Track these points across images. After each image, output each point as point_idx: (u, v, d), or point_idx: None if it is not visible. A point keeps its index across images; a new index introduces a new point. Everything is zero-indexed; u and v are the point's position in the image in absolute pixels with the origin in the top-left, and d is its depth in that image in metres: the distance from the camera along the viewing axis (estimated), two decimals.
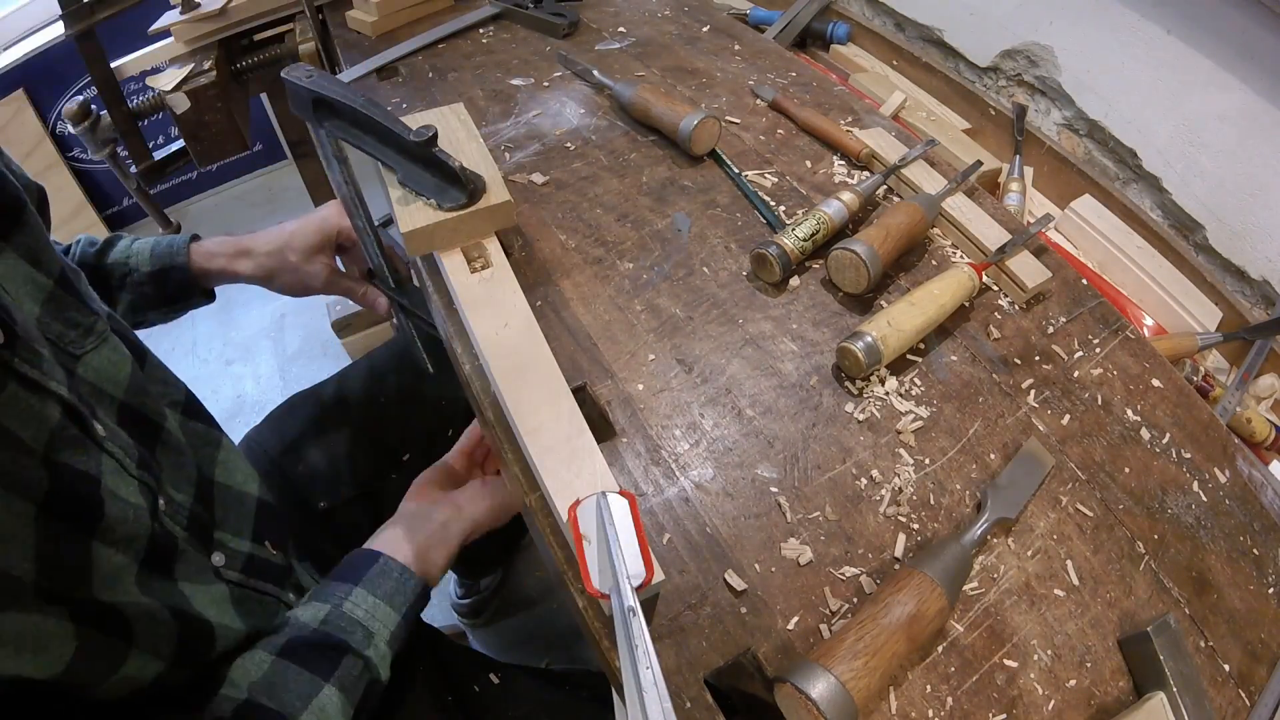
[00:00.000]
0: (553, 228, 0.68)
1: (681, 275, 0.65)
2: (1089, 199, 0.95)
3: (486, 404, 0.54)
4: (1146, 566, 0.52)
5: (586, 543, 0.43)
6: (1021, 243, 0.67)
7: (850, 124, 0.81)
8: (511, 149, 0.77)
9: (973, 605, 0.48)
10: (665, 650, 0.44)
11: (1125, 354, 0.65)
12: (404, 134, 0.54)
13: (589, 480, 0.46)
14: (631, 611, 0.38)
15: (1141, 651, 0.47)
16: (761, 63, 0.92)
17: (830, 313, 0.63)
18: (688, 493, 0.51)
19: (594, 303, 0.62)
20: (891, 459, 0.54)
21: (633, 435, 0.54)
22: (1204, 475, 0.59)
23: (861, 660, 0.41)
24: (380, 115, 0.55)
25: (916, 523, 0.51)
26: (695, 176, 0.74)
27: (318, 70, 0.56)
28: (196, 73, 1.04)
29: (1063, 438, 0.58)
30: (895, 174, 0.73)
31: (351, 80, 0.88)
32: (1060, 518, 0.53)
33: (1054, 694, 0.46)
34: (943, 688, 0.45)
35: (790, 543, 0.49)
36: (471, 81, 0.87)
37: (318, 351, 1.75)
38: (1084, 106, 1.01)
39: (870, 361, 0.55)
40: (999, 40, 1.08)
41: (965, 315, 0.64)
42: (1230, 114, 0.85)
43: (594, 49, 0.93)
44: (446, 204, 0.58)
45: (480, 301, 0.57)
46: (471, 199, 0.58)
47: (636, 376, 0.57)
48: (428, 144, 0.54)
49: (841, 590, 0.47)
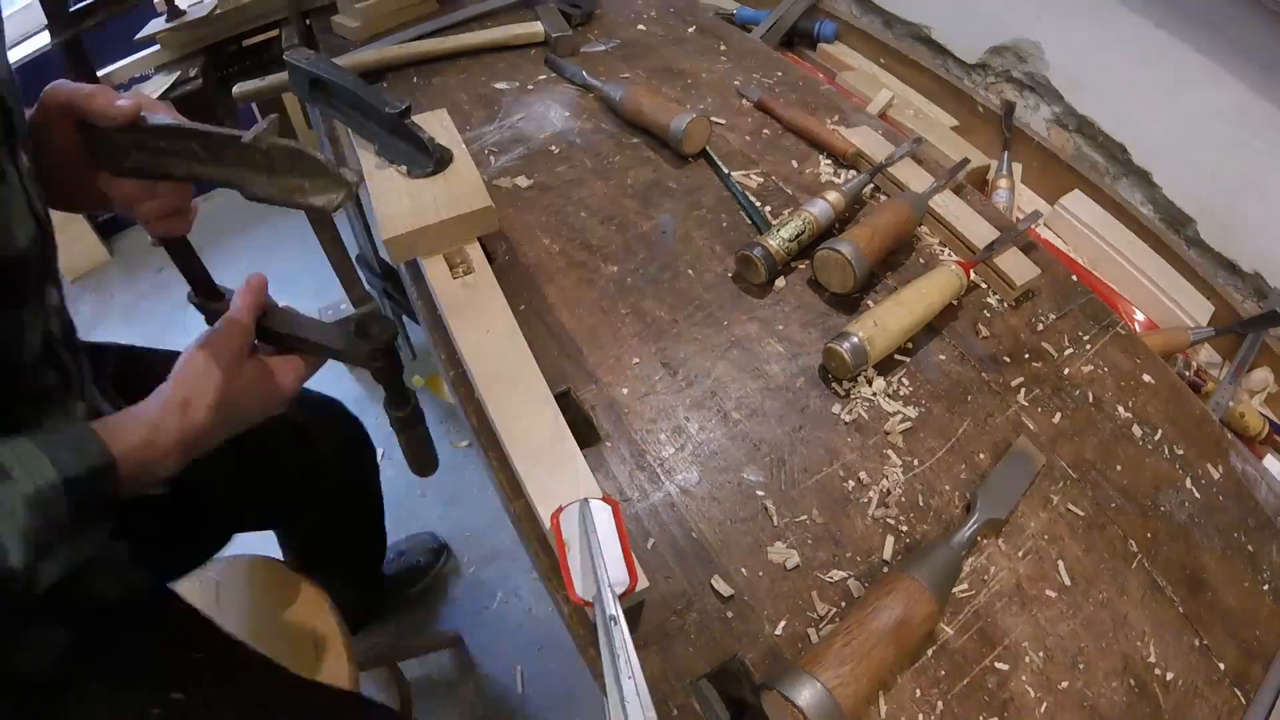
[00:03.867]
0: (537, 232, 0.68)
1: (666, 278, 0.64)
2: (1079, 194, 0.94)
3: (471, 410, 0.54)
4: (1139, 565, 0.52)
5: (569, 550, 0.43)
6: (1010, 240, 0.66)
7: (837, 123, 0.81)
8: (496, 153, 0.76)
9: (963, 608, 0.48)
10: (651, 657, 0.44)
11: (1116, 350, 0.64)
12: (381, 106, 0.62)
13: (572, 486, 0.46)
14: (613, 619, 0.37)
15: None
16: (748, 63, 0.91)
17: (817, 313, 0.62)
18: (673, 497, 0.50)
19: (578, 307, 0.61)
20: (879, 460, 0.53)
21: (617, 440, 0.53)
22: (1197, 471, 0.58)
23: (848, 666, 0.40)
24: (364, 91, 0.64)
25: (905, 525, 0.50)
26: (681, 178, 0.74)
27: (315, 54, 0.66)
28: (183, 80, 1.04)
29: (1053, 436, 0.57)
30: (882, 172, 0.72)
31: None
32: (1051, 517, 0.53)
33: (1046, 696, 0.45)
34: (933, 692, 0.44)
35: (777, 546, 0.48)
36: (456, 86, 0.86)
37: None
38: (1073, 102, 1.00)
39: (857, 363, 0.55)
40: (987, 37, 1.08)
41: (954, 314, 0.64)
42: (1221, 108, 0.85)
43: (580, 51, 0.92)
44: (416, 171, 0.64)
45: (462, 307, 0.56)
46: (438, 167, 0.64)
47: (621, 381, 0.56)
48: (401, 115, 0.61)
49: (829, 594, 0.47)
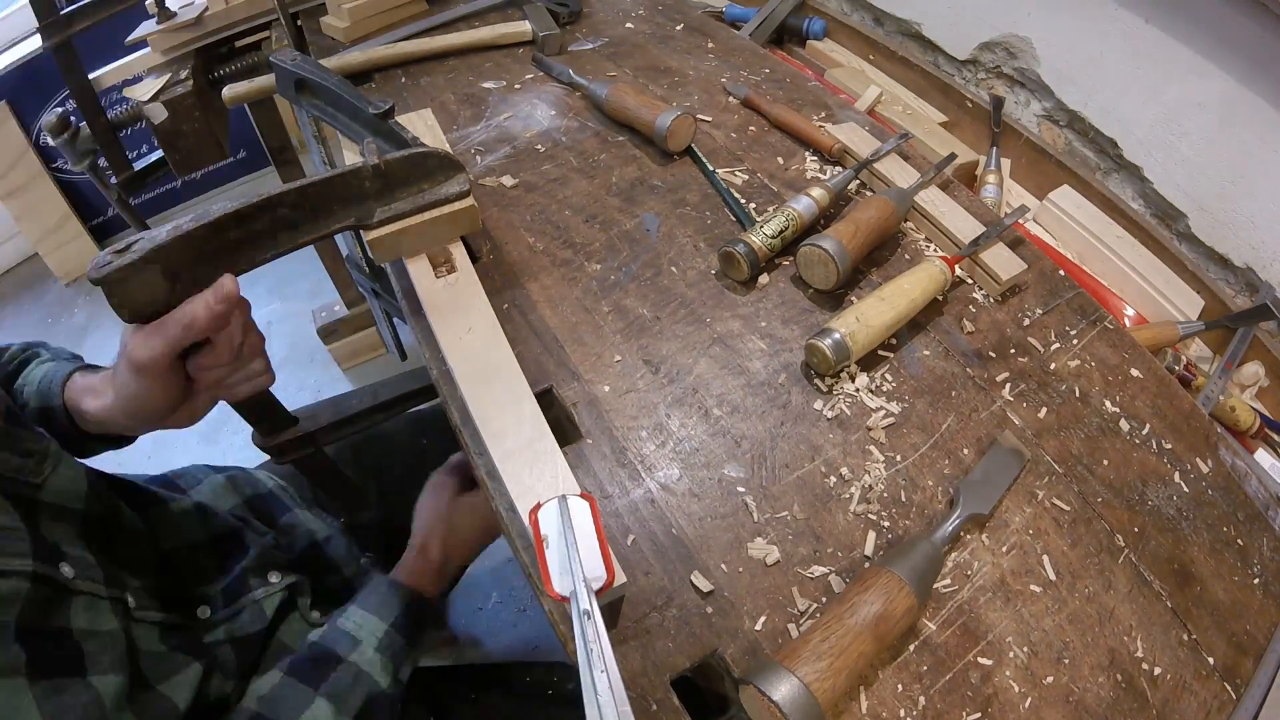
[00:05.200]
0: (521, 230, 0.68)
1: (649, 275, 0.64)
2: (1067, 189, 0.94)
3: (454, 409, 0.54)
4: (1126, 560, 0.51)
5: (547, 546, 0.42)
6: (996, 235, 0.66)
7: (823, 119, 0.81)
8: (482, 152, 0.76)
9: (945, 603, 0.47)
10: (631, 653, 0.43)
11: (1104, 345, 0.64)
12: (364, 107, 0.62)
13: (550, 483, 0.46)
14: (587, 614, 0.37)
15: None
16: (735, 60, 0.91)
17: (800, 310, 0.62)
18: (653, 494, 0.50)
19: (561, 305, 0.61)
20: (861, 456, 0.53)
21: (599, 437, 0.53)
22: (1185, 466, 0.58)
23: (826, 661, 0.40)
24: (346, 91, 0.63)
25: (887, 520, 0.50)
26: (665, 176, 0.74)
27: (301, 55, 0.66)
28: (173, 82, 1.04)
29: (1039, 431, 0.57)
30: (868, 169, 0.72)
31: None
32: (1036, 512, 0.52)
33: (1031, 691, 0.45)
34: (915, 687, 0.44)
35: (757, 542, 0.48)
36: (444, 85, 0.86)
37: (305, 359, 1.75)
38: (1063, 97, 1.00)
39: (839, 359, 0.54)
40: (977, 32, 1.08)
41: (939, 309, 0.63)
42: (1210, 101, 0.85)
43: (567, 49, 0.92)
44: None
45: (445, 307, 0.56)
46: None
47: (603, 378, 0.56)
48: (383, 116, 0.61)
49: (810, 590, 0.47)
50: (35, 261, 1.99)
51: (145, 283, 0.41)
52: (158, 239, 0.41)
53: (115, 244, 0.42)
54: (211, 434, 1.59)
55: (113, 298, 0.42)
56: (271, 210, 0.46)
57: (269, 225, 0.47)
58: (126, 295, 0.42)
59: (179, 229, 0.42)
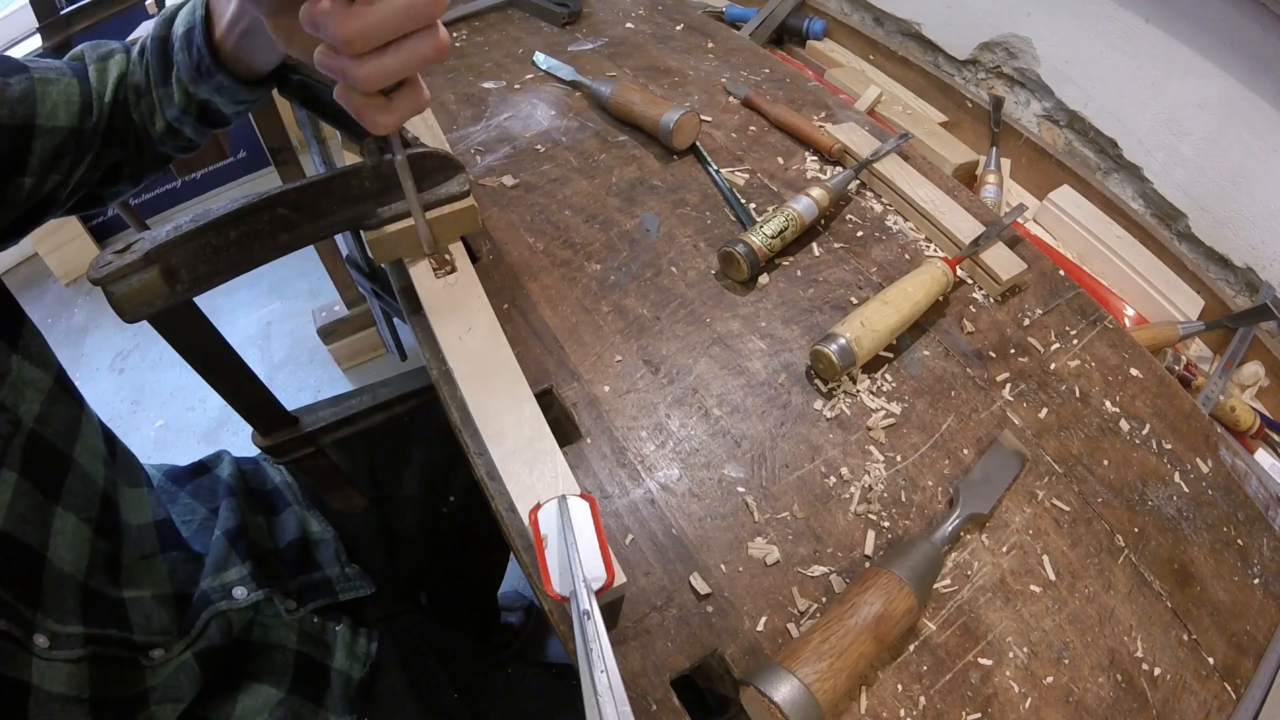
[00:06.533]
0: (521, 230, 0.68)
1: (649, 275, 0.64)
2: (1067, 189, 0.94)
3: (454, 409, 0.54)
4: (1126, 560, 0.51)
5: (547, 546, 0.42)
6: (995, 235, 0.66)
7: (823, 120, 0.81)
8: (482, 152, 0.76)
9: (945, 603, 0.47)
10: (631, 653, 0.43)
11: (1104, 345, 0.64)
12: None
13: (550, 483, 0.46)
14: (586, 614, 0.37)
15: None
16: (735, 60, 0.91)
17: (800, 310, 0.62)
18: (653, 494, 0.50)
19: (561, 305, 0.61)
20: (861, 456, 0.53)
21: (598, 437, 0.53)
22: (1185, 466, 0.58)
23: (827, 662, 0.40)
24: None
25: (887, 520, 0.50)
26: (665, 176, 0.74)
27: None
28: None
29: (1039, 431, 0.57)
30: (868, 168, 0.72)
31: None
32: (1036, 512, 0.52)
33: (1031, 691, 0.45)
34: (915, 687, 0.44)
35: (757, 542, 0.48)
36: (443, 85, 0.86)
37: (305, 359, 1.75)
38: (1063, 97, 1.00)
39: (844, 364, 0.54)
40: (977, 33, 1.08)
41: (939, 310, 0.63)
42: (1210, 101, 0.85)
43: (567, 50, 0.92)
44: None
45: (444, 307, 0.56)
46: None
47: (603, 378, 0.56)
48: None
49: (810, 590, 0.47)
50: (35, 261, 1.99)
51: (145, 283, 0.42)
52: (158, 239, 0.41)
53: (115, 244, 0.42)
54: (212, 434, 1.59)
55: (113, 297, 0.42)
56: (271, 210, 0.46)
57: (269, 225, 0.47)
58: (126, 295, 0.42)
59: (179, 229, 0.42)
